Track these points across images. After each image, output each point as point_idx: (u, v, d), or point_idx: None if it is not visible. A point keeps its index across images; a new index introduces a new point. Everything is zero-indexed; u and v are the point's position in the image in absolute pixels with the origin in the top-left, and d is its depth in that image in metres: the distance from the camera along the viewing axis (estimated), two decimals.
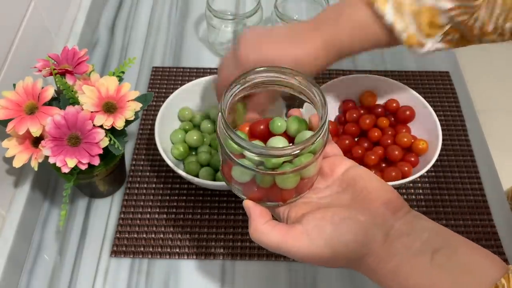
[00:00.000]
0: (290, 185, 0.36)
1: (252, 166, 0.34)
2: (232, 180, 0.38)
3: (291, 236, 0.35)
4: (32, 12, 0.59)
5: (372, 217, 0.34)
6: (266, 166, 0.34)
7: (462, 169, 0.64)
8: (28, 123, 0.47)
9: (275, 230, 0.35)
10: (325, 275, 0.55)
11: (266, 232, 0.35)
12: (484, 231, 0.58)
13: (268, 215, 0.37)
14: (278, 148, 0.34)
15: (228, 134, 0.34)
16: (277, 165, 0.34)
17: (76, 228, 0.59)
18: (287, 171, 0.34)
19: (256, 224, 0.36)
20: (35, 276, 0.55)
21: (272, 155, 0.33)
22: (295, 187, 0.36)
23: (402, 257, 0.33)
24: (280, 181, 0.36)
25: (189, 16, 0.82)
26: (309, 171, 0.36)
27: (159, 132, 0.58)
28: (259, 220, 0.36)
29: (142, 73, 0.74)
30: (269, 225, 0.36)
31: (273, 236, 0.35)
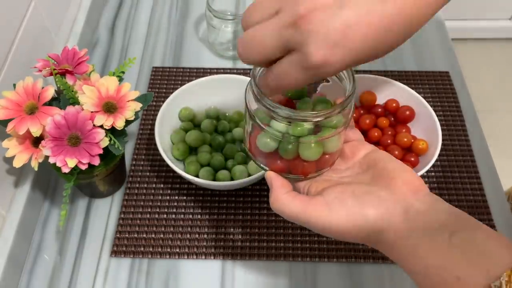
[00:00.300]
0: (312, 156, 0.37)
1: (278, 135, 0.36)
2: (256, 151, 0.39)
3: (312, 206, 0.35)
4: (32, 12, 0.59)
5: (393, 193, 0.34)
6: (291, 133, 0.35)
7: (462, 169, 0.64)
8: (28, 123, 0.47)
9: (296, 200, 0.36)
10: (325, 275, 0.55)
11: (287, 202, 0.36)
12: None
13: (289, 186, 0.37)
14: (305, 112, 0.35)
15: (259, 100, 0.35)
16: (302, 133, 0.35)
17: (76, 228, 0.59)
18: (311, 140, 0.36)
19: (277, 194, 0.36)
20: (35, 276, 0.55)
21: (298, 118, 0.34)
22: (316, 161, 0.37)
23: (420, 236, 0.33)
24: (303, 151, 0.36)
25: (189, 16, 0.82)
26: (331, 145, 0.37)
27: (159, 132, 0.58)
28: (280, 190, 0.37)
29: (142, 73, 0.74)
30: (290, 195, 0.36)
31: (293, 205, 0.35)
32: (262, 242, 0.57)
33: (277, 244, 0.57)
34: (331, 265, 0.56)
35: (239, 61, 0.76)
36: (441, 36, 0.80)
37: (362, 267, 0.56)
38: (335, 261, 0.56)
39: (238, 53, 0.33)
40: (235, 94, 0.64)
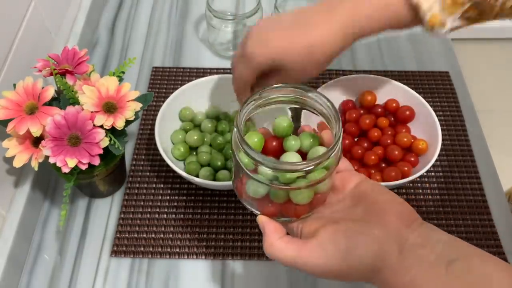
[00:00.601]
0: (304, 200, 0.36)
1: (267, 181, 0.35)
2: (245, 195, 0.39)
3: (306, 250, 0.35)
4: (32, 12, 0.59)
5: (386, 230, 0.34)
6: (280, 181, 0.35)
7: (462, 169, 0.64)
8: (28, 123, 0.47)
9: (290, 245, 0.35)
10: None
11: (281, 247, 0.35)
12: (483, 231, 0.58)
13: (282, 231, 0.37)
14: (292, 163, 0.34)
15: (244, 149, 0.34)
16: (291, 180, 0.35)
17: (76, 228, 0.59)
18: (301, 186, 0.35)
19: (271, 240, 0.36)
20: (35, 276, 0.55)
21: (287, 169, 0.34)
22: (309, 203, 0.37)
23: (417, 270, 0.32)
24: (294, 196, 0.36)
25: (189, 16, 0.82)
26: (323, 187, 0.36)
27: (159, 132, 0.58)
28: (273, 235, 0.36)
29: (142, 73, 0.74)
30: (284, 240, 0.36)
31: (288, 251, 0.35)
32: (262, 242, 0.57)
33: None
34: None
35: None
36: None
37: None
38: None
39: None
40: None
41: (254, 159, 0.34)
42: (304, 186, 0.35)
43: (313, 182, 0.35)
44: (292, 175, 0.34)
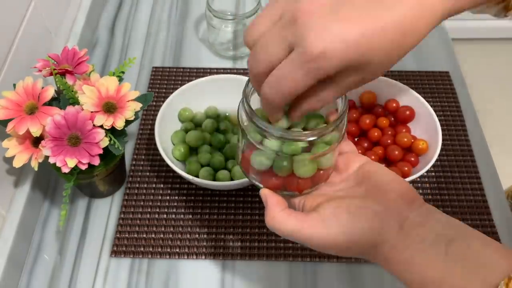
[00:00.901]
0: (307, 173, 0.37)
1: (271, 152, 0.35)
2: (250, 169, 0.39)
3: (307, 223, 0.35)
4: (32, 12, 0.59)
5: (387, 207, 0.34)
6: (285, 152, 0.35)
7: (462, 169, 0.64)
8: (28, 123, 0.47)
9: (291, 218, 0.36)
10: (325, 275, 0.55)
11: (282, 220, 0.36)
12: (484, 231, 0.58)
13: (284, 204, 0.37)
14: (297, 132, 0.35)
15: (251, 119, 0.35)
16: (296, 151, 0.35)
17: (76, 228, 0.59)
18: (305, 157, 0.35)
19: (272, 212, 0.36)
20: (35, 276, 0.55)
21: (292, 138, 0.34)
22: (311, 177, 0.37)
23: (416, 248, 0.33)
24: (298, 169, 0.36)
25: (189, 16, 0.82)
26: (325, 162, 0.37)
27: (159, 132, 0.58)
28: (275, 208, 0.36)
29: (142, 73, 0.74)
30: (285, 212, 0.36)
31: (289, 223, 0.35)
32: (262, 242, 0.57)
33: (277, 244, 0.57)
34: (331, 265, 0.56)
35: (239, 61, 0.76)
36: (441, 36, 0.80)
37: (362, 268, 0.56)
38: (335, 261, 0.56)
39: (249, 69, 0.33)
40: (235, 94, 0.64)
41: (261, 128, 0.34)
42: (307, 158, 0.35)
43: (317, 155, 0.35)
44: (297, 146, 0.35)
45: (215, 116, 0.65)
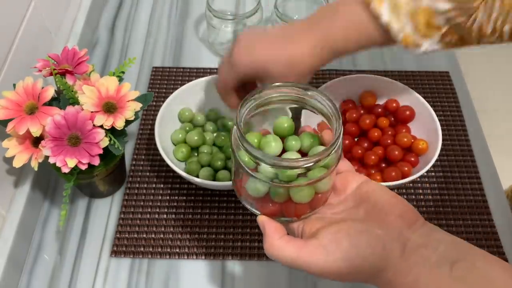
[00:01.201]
0: (304, 199, 0.36)
1: (267, 180, 0.35)
2: (245, 195, 0.39)
3: (307, 250, 0.34)
4: (32, 12, 0.59)
5: (388, 230, 0.34)
6: (280, 179, 0.35)
7: (462, 169, 0.64)
8: (28, 123, 0.47)
9: (290, 245, 0.35)
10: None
11: (282, 247, 0.35)
12: (484, 231, 0.58)
13: (282, 231, 0.37)
14: (292, 160, 0.34)
15: (244, 147, 0.34)
16: (292, 177, 0.34)
17: (76, 228, 0.59)
18: (301, 183, 0.35)
19: (271, 240, 0.36)
20: (35, 276, 0.55)
21: (287, 166, 0.33)
22: (309, 202, 0.36)
23: (420, 270, 0.32)
24: (295, 194, 0.36)
25: (189, 16, 0.82)
26: (323, 185, 0.36)
27: (159, 132, 0.58)
28: (274, 235, 0.36)
29: (142, 73, 0.74)
30: (284, 240, 0.35)
31: (288, 251, 0.35)
32: (262, 242, 0.57)
33: None
34: None
35: None
36: None
37: None
38: None
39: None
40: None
41: (255, 156, 0.34)
42: (304, 183, 0.35)
43: (313, 180, 0.34)
44: (292, 172, 0.34)
45: (215, 119, 0.65)
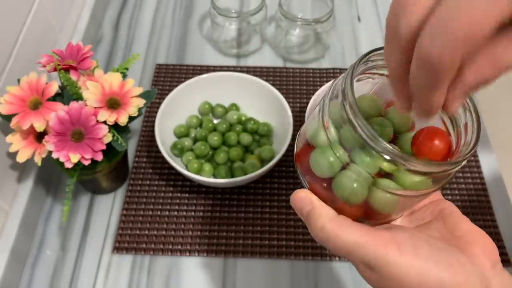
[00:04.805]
0: (386, 207, 0.28)
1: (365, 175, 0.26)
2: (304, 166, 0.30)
3: (379, 238, 0.26)
4: (37, 8, 0.59)
5: (473, 262, 0.27)
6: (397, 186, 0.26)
7: (465, 169, 0.63)
8: (32, 118, 0.47)
9: (354, 227, 0.27)
10: (327, 274, 0.55)
11: (343, 228, 0.27)
12: (487, 231, 0.57)
13: (334, 211, 0.28)
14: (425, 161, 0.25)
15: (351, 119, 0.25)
16: (412, 186, 0.26)
17: (79, 224, 0.59)
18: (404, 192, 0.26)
19: (327, 217, 0.27)
20: (37, 271, 0.55)
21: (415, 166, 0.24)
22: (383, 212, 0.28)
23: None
24: (377, 198, 0.27)
25: (193, 13, 0.82)
26: (414, 202, 0.28)
27: (160, 130, 0.58)
28: (328, 211, 0.28)
29: (146, 70, 0.74)
30: (344, 219, 0.27)
31: (352, 234, 0.26)
32: (264, 240, 0.57)
33: (279, 242, 0.57)
34: (333, 264, 0.56)
35: (242, 59, 0.76)
36: None
37: None
38: (337, 260, 0.56)
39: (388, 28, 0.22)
40: (238, 91, 0.64)
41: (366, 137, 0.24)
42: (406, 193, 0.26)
43: (420, 193, 0.26)
44: (412, 180, 0.25)
45: (221, 115, 0.65)
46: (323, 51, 0.75)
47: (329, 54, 0.76)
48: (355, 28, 0.80)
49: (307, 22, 0.69)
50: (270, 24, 0.79)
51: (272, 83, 0.71)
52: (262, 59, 0.75)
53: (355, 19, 0.81)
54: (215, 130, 0.63)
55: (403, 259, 0.26)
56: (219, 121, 0.64)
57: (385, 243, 0.26)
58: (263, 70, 0.73)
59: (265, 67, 0.74)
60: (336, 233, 0.27)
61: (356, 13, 0.82)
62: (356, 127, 0.25)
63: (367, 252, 0.26)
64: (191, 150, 0.62)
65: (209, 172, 0.60)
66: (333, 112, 0.27)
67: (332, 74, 0.73)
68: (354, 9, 0.83)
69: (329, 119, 0.27)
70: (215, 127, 0.64)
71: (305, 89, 0.71)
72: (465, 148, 0.26)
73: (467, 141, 0.26)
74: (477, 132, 0.26)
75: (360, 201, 0.27)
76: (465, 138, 0.27)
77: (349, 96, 0.25)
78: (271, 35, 0.78)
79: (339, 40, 0.78)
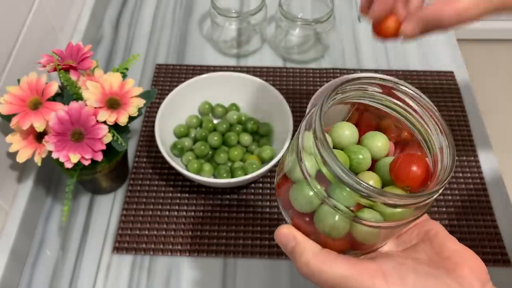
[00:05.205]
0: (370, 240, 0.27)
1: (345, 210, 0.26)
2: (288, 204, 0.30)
3: (365, 270, 0.26)
4: (37, 8, 0.59)
5: (461, 284, 0.27)
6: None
7: (465, 169, 0.63)
8: (32, 118, 0.47)
9: (341, 260, 0.27)
10: None
11: (329, 261, 0.27)
12: (487, 231, 0.58)
13: (318, 246, 0.29)
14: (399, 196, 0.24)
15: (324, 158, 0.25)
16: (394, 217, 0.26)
17: (79, 224, 0.59)
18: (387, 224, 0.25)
19: (312, 252, 0.28)
20: (37, 271, 0.55)
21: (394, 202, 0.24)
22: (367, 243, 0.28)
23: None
24: (359, 231, 0.27)
25: (193, 13, 0.82)
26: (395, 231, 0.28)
27: (160, 129, 0.58)
28: (311, 246, 0.28)
29: (146, 70, 0.74)
30: (329, 253, 0.28)
31: (338, 267, 0.26)
32: (264, 240, 0.57)
33: None
34: None
35: (242, 59, 0.76)
36: (447, 35, 0.79)
37: None
38: None
39: None
40: (238, 91, 0.64)
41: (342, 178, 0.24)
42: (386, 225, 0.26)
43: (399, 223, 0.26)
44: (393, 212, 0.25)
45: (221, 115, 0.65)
46: (323, 51, 0.75)
47: (329, 54, 0.76)
48: (355, 28, 0.80)
49: (307, 22, 0.69)
50: (270, 24, 0.79)
51: (272, 83, 0.71)
52: (262, 59, 0.75)
53: (355, 19, 0.81)
54: (215, 130, 0.63)
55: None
56: (219, 121, 0.64)
57: (371, 274, 0.26)
58: (263, 70, 0.73)
59: (265, 67, 0.74)
60: (320, 268, 0.27)
61: (356, 13, 0.82)
62: (327, 163, 0.24)
63: (354, 285, 0.26)
64: (191, 150, 0.62)
65: (209, 172, 0.60)
66: (308, 146, 0.26)
67: (332, 74, 0.73)
68: (354, 9, 0.83)
69: (305, 153, 0.26)
70: (215, 127, 0.64)
71: (305, 89, 0.71)
72: (442, 172, 0.26)
73: (443, 165, 0.26)
74: (452, 156, 0.26)
75: (343, 235, 0.27)
76: (441, 162, 0.27)
77: (318, 131, 0.25)
78: (271, 35, 0.78)
79: (339, 40, 0.78)
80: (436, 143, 0.28)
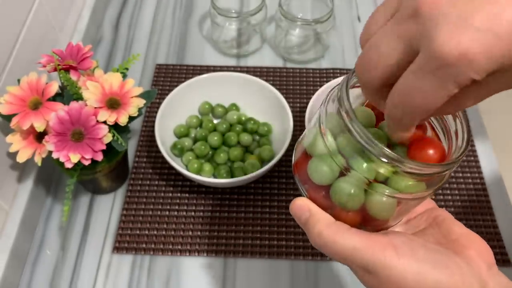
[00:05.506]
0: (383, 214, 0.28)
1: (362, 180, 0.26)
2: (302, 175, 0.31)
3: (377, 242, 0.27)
4: (37, 8, 0.59)
5: (469, 264, 0.28)
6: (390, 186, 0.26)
7: (465, 169, 0.63)
8: (32, 118, 0.47)
9: (353, 232, 0.27)
10: (327, 274, 0.55)
11: (341, 233, 0.27)
12: (487, 231, 0.58)
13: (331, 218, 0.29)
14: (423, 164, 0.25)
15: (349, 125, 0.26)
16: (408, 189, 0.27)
17: (79, 224, 0.59)
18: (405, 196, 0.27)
19: (325, 223, 0.28)
20: (37, 271, 0.55)
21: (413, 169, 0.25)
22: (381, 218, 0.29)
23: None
24: (375, 204, 0.28)
25: (193, 13, 0.82)
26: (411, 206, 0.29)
27: (160, 129, 0.58)
28: (325, 217, 0.28)
29: (146, 70, 0.74)
30: (342, 225, 0.28)
31: (350, 238, 0.27)
32: (264, 240, 0.57)
33: (279, 242, 0.57)
34: (333, 264, 0.56)
35: (242, 59, 0.76)
36: None
37: None
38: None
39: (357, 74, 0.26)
40: (236, 92, 0.64)
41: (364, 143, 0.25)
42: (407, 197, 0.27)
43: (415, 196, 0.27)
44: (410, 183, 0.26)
45: (221, 115, 0.65)
46: (323, 51, 0.75)
47: (329, 54, 0.76)
48: (355, 28, 0.80)
49: (307, 22, 0.69)
50: (270, 24, 0.79)
51: (272, 83, 0.71)
52: (262, 59, 0.75)
53: (355, 19, 0.81)
54: (215, 130, 0.63)
55: (401, 262, 0.26)
56: (219, 121, 0.64)
57: (382, 246, 0.27)
58: (263, 70, 0.73)
59: (265, 67, 0.74)
60: (333, 239, 0.27)
61: (356, 13, 0.82)
62: (353, 133, 0.25)
63: (365, 257, 0.27)
64: (191, 150, 0.62)
65: (209, 172, 0.60)
66: (330, 121, 0.27)
67: (332, 74, 0.73)
68: (354, 9, 0.83)
69: (327, 128, 0.28)
70: (215, 127, 0.64)
71: (305, 89, 0.71)
72: (456, 152, 0.27)
73: (458, 146, 0.28)
74: (467, 137, 0.27)
75: (358, 206, 0.28)
76: (456, 144, 0.28)
77: (345, 103, 0.26)
78: (271, 35, 0.78)
79: (339, 40, 0.78)
80: (452, 126, 0.29)
